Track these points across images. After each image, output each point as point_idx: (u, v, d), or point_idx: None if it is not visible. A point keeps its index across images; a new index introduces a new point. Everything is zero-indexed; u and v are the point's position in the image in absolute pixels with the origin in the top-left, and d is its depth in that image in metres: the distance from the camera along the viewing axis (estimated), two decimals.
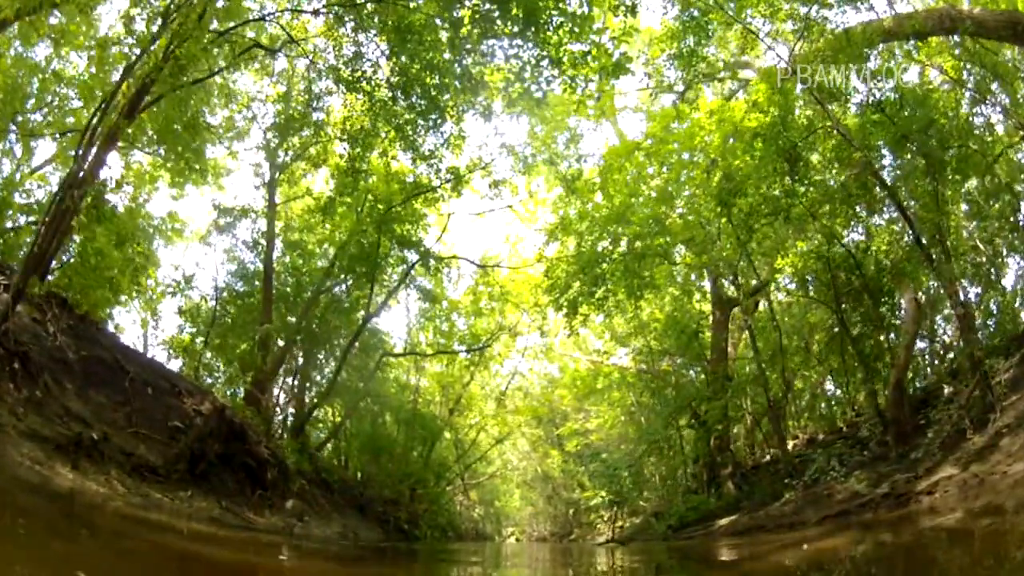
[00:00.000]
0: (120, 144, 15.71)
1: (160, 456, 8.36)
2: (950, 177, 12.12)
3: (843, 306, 13.79)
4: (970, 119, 13.27)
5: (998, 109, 13.79)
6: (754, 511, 12.47)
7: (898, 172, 12.35)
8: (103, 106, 12.51)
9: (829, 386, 18.56)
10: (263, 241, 16.74)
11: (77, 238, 10.86)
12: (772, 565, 7.75)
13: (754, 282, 16.72)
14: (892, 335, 14.02)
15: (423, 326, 22.95)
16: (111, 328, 12.95)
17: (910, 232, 11.43)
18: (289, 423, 17.71)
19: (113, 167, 17.80)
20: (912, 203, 12.18)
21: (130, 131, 14.71)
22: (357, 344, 17.77)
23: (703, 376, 18.62)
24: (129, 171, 17.87)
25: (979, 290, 14.74)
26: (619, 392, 22.04)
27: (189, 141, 16.90)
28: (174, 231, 20.27)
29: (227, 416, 9.85)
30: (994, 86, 13.50)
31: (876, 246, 13.80)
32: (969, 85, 13.68)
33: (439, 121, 13.22)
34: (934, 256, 11.37)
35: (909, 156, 11.76)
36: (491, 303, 21.67)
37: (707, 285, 20.64)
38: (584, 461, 19.06)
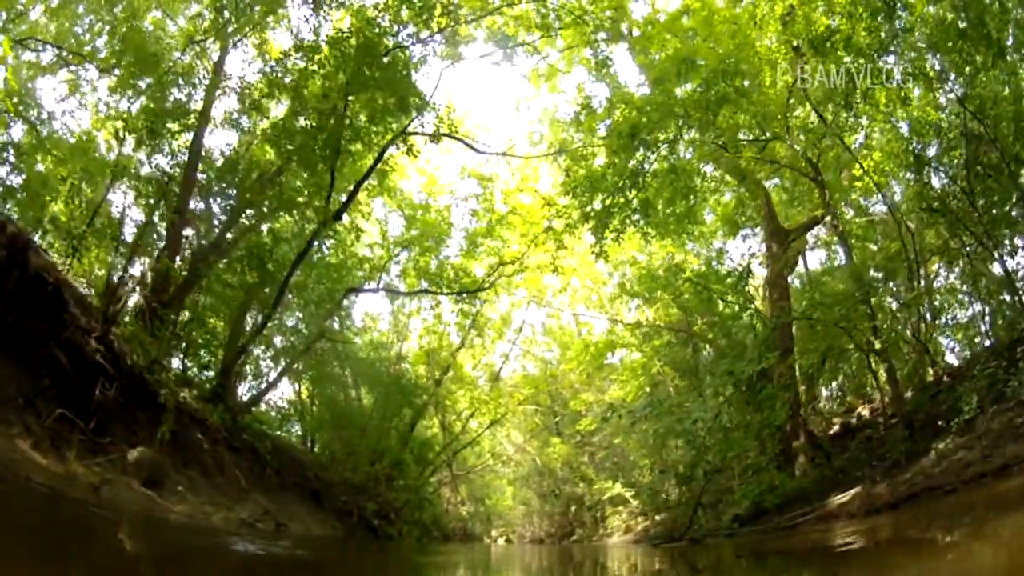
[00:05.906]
0: None
1: None
2: None
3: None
4: None
5: None
6: (890, 477, 8.75)
7: None
8: None
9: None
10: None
11: None
12: None
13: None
14: None
15: (405, 262, 18.46)
16: None
17: None
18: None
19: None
20: None
21: None
22: (310, 264, 13.49)
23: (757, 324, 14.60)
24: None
25: None
26: (644, 355, 17.75)
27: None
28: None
29: (14, 248, 5.41)
30: None
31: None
32: None
33: None
34: None
35: None
36: (490, 233, 17.17)
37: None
38: (635, 418, 14.56)
